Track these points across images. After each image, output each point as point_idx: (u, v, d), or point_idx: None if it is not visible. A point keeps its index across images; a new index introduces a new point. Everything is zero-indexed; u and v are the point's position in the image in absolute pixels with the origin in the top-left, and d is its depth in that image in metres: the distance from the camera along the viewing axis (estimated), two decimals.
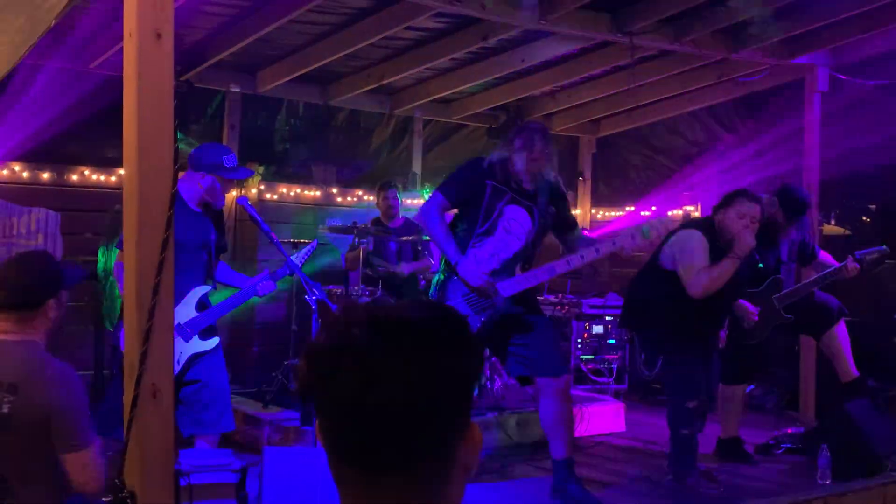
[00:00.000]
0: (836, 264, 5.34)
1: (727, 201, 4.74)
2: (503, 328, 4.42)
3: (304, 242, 6.62)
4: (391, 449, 1.05)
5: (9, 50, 3.85)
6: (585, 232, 4.67)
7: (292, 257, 4.51)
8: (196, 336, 4.24)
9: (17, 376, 2.68)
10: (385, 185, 7.03)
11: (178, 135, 2.51)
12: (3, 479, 2.68)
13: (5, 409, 2.64)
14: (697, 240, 4.67)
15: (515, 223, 4.45)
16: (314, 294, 4.41)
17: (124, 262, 2.54)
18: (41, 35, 3.51)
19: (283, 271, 4.55)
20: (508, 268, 4.43)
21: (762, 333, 5.27)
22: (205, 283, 4.35)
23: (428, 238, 6.50)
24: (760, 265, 5.13)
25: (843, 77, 6.51)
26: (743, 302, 5.13)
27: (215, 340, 4.34)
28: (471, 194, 4.44)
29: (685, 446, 4.74)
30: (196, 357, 4.23)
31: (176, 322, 3.87)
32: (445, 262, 4.48)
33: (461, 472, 1.12)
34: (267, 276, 4.50)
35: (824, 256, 5.53)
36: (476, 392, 5.74)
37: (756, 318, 5.12)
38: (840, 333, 5.34)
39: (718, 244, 4.64)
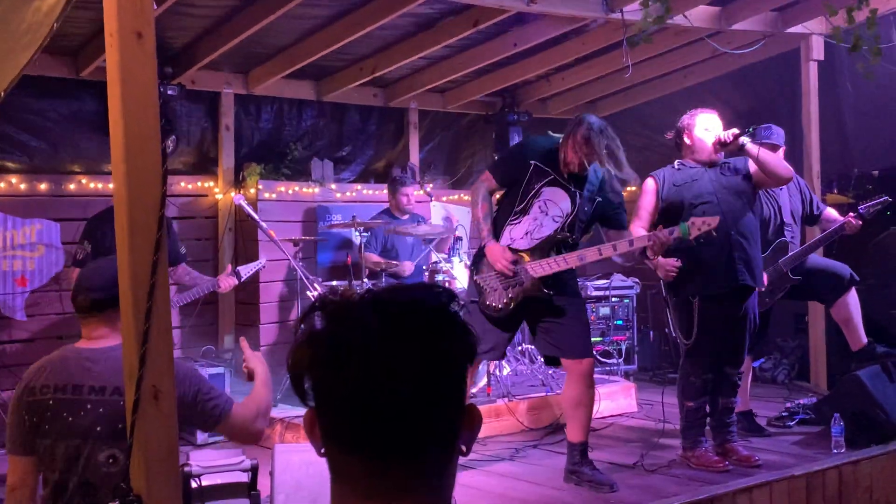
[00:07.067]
0: (841, 220, 5.31)
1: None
2: (533, 308, 4.48)
3: (304, 239, 6.64)
4: (399, 437, 1.03)
5: (12, 59, 3.82)
6: None
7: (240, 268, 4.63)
8: None
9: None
10: (403, 179, 6.96)
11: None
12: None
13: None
14: None
15: (553, 204, 4.45)
16: (316, 290, 4.42)
17: (118, 266, 2.51)
18: (45, 40, 3.47)
19: (248, 270, 4.58)
20: (543, 248, 4.44)
21: (772, 299, 5.23)
22: None
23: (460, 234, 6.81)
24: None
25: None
26: None
27: None
28: (517, 174, 4.52)
29: (690, 420, 4.73)
30: None
31: None
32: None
33: (458, 454, 1.12)
34: (230, 273, 4.55)
35: (828, 214, 5.49)
36: (487, 381, 5.72)
37: (765, 282, 5.08)
38: (852, 301, 5.30)
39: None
